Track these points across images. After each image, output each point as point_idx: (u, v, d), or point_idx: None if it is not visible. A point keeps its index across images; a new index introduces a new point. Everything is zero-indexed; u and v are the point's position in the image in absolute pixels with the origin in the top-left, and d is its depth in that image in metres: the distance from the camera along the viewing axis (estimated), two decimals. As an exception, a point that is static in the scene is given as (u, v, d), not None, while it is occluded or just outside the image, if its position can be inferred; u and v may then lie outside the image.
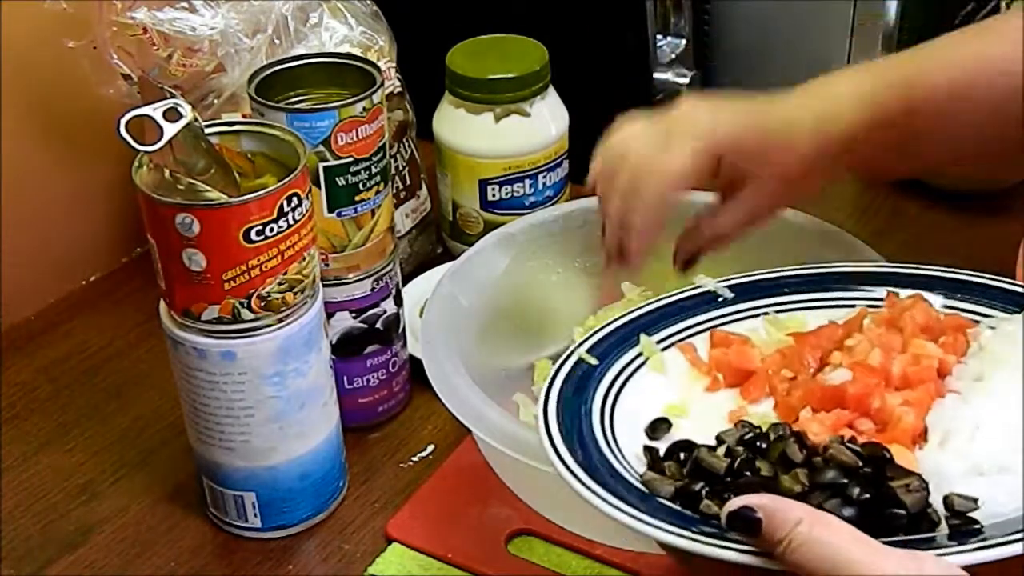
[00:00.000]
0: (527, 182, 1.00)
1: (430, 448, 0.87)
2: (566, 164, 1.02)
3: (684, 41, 1.14)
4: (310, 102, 0.80)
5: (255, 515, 0.80)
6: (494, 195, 1.00)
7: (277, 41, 0.91)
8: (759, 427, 0.60)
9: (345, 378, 0.85)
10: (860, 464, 0.56)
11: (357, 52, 0.92)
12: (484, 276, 0.85)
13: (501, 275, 0.86)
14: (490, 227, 0.96)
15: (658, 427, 0.64)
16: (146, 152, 0.69)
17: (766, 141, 0.72)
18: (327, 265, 0.81)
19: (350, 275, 0.82)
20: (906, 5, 1.10)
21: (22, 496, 0.85)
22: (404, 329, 0.88)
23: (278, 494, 0.79)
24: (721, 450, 0.59)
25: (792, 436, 0.58)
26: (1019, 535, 0.52)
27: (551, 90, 1.01)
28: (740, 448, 0.59)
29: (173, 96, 0.70)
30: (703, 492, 0.56)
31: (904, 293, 0.69)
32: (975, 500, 0.55)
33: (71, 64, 0.88)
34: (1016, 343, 0.63)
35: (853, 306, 0.69)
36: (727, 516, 0.53)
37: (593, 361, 0.67)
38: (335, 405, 0.81)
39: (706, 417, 0.64)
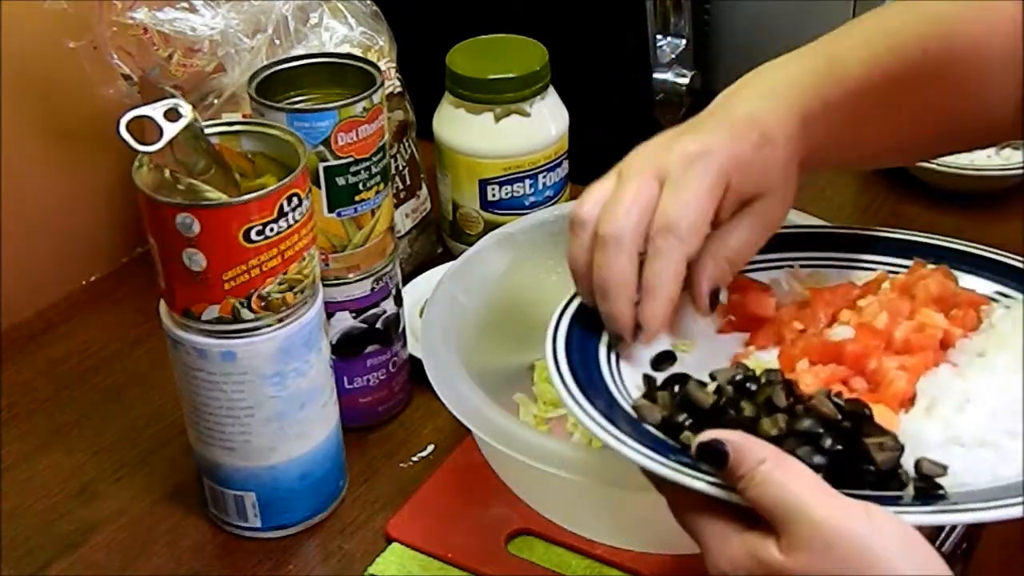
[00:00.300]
0: (527, 182, 1.00)
1: (430, 448, 0.87)
2: (566, 164, 1.02)
3: (684, 41, 1.14)
4: (310, 102, 0.80)
5: (255, 515, 0.80)
6: (494, 195, 1.00)
7: (277, 41, 0.91)
8: (753, 371, 0.62)
9: (345, 378, 0.85)
10: (839, 417, 0.57)
11: (357, 52, 0.92)
12: (484, 276, 0.85)
13: (501, 275, 0.86)
14: (490, 227, 0.96)
15: (663, 359, 0.66)
16: (146, 152, 0.69)
17: (751, 145, 0.66)
18: (327, 265, 0.81)
19: (350, 275, 0.82)
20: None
21: (22, 496, 0.85)
22: (404, 329, 0.88)
23: (278, 494, 0.79)
24: (711, 387, 0.61)
25: (781, 383, 0.60)
26: (980, 505, 0.54)
27: (551, 90, 1.01)
28: (729, 387, 0.60)
29: (173, 96, 0.70)
30: (686, 423, 0.59)
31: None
32: (944, 467, 0.57)
33: (71, 64, 0.88)
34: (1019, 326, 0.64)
35: (877, 270, 0.71)
36: (697, 446, 0.55)
37: None
38: (335, 405, 0.81)
39: (711, 355, 0.66)
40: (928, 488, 0.56)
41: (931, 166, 1.08)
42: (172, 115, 0.68)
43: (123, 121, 0.66)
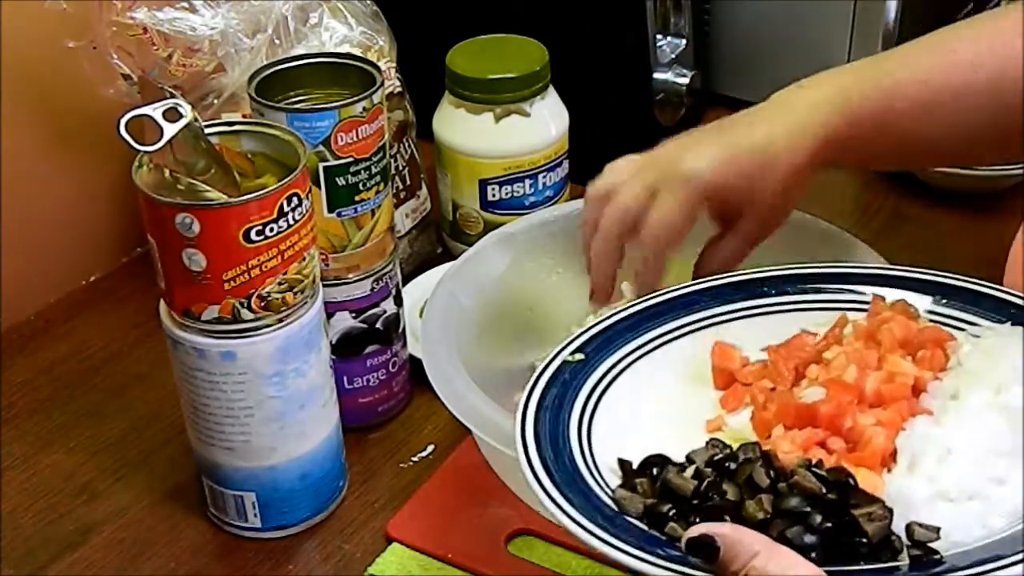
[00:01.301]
0: (527, 182, 1.00)
1: (430, 448, 0.87)
2: (566, 164, 1.02)
3: (684, 41, 1.14)
4: (310, 102, 0.80)
5: (255, 515, 0.80)
6: (494, 195, 1.00)
7: (277, 41, 0.91)
8: (729, 447, 0.61)
9: (345, 378, 0.85)
10: (824, 491, 0.56)
11: (357, 52, 0.92)
12: (484, 276, 0.85)
13: (501, 275, 0.86)
14: (490, 227, 0.96)
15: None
16: (146, 152, 0.69)
17: (746, 174, 0.73)
18: (327, 265, 0.81)
19: (350, 275, 0.82)
20: (906, 5, 1.10)
21: (22, 496, 0.85)
22: (404, 329, 0.88)
23: (278, 494, 0.79)
24: (690, 471, 0.60)
25: (760, 459, 0.59)
26: (978, 568, 0.53)
27: (551, 90, 1.01)
28: (708, 469, 0.59)
29: (173, 96, 0.70)
30: (670, 513, 0.57)
31: (891, 295, 0.69)
32: (937, 530, 0.56)
33: (71, 64, 0.88)
34: (994, 359, 0.63)
35: (841, 309, 0.70)
36: (687, 542, 0.54)
37: (580, 357, 0.68)
38: (335, 405, 0.81)
39: (684, 426, 0.65)
40: (923, 554, 0.55)
41: (931, 166, 1.08)
42: (172, 115, 0.68)
43: (123, 121, 0.66)
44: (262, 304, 0.72)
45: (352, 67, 0.80)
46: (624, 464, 0.62)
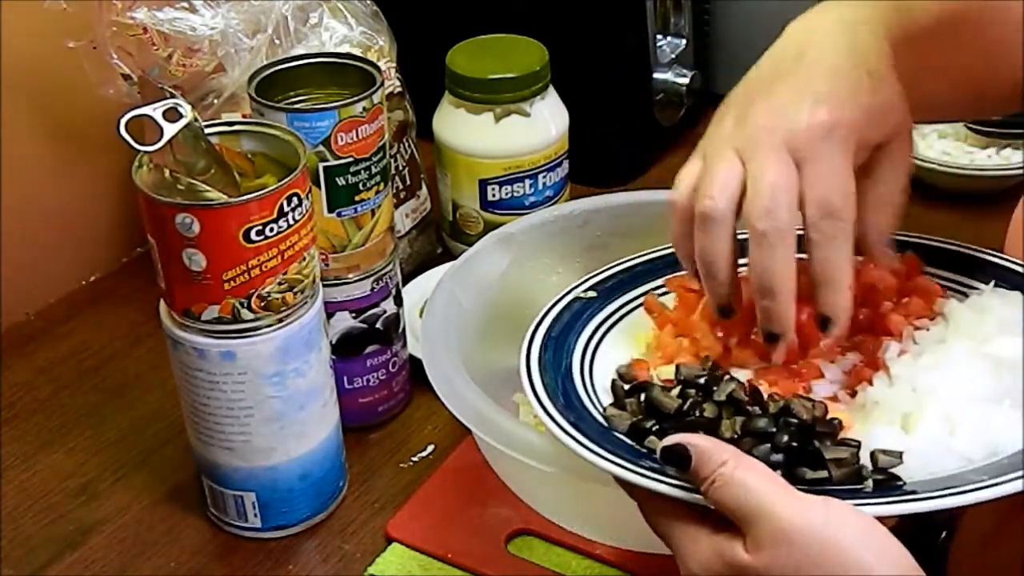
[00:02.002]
0: (527, 182, 1.00)
1: (430, 448, 0.87)
2: (566, 164, 1.02)
3: (684, 41, 1.14)
4: (310, 102, 0.80)
5: (255, 515, 0.80)
6: (494, 195, 1.00)
7: (277, 41, 0.91)
8: (719, 371, 0.64)
9: (345, 378, 0.85)
10: (812, 422, 0.59)
11: (357, 52, 0.92)
12: (484, 276, 0.85)
13: (501, 275, 0.86)
14: (490, 227, 0.96)
15: (631, 367, 0.67)
16: (146, 152, 0.69)
17: (868, 90, 0.62)
18: (327, 265, 0.81)
19: (350, 275, 0.82)
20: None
21: (22, 496, 0.85)
22: (404, 329, 0.88)
23: (278, 494, 0.79)
24: (675, 390, 0.63)
25: (742, 385, 0.62)
26: (939, 492, 0.55)
27: (551, 90, 1.01)
28: (692, 390, 0.63)
29: (173, 96, 0.70)
30: (652, 428, 0.61)
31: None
32: (900, 454, 0.58)
33: (71, 64, 0.88)
34: (981, 314, 0.65)
35: None
36: (661, 450, 0.57)
37: (592, 295, 0.71)
38: (335, 405, 0.81)
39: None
40: (887, 480, 0.58)
41: (931, 166, 1.08)
42: (172, 115, 0.68)
43: (123, 121, 0.66)
44: (262, 304, 0.72)
45: (352, 67, 0.80)
46: (616, 386, 0.65)
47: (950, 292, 0.69)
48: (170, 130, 0.68)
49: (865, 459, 0.58)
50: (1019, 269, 0.69)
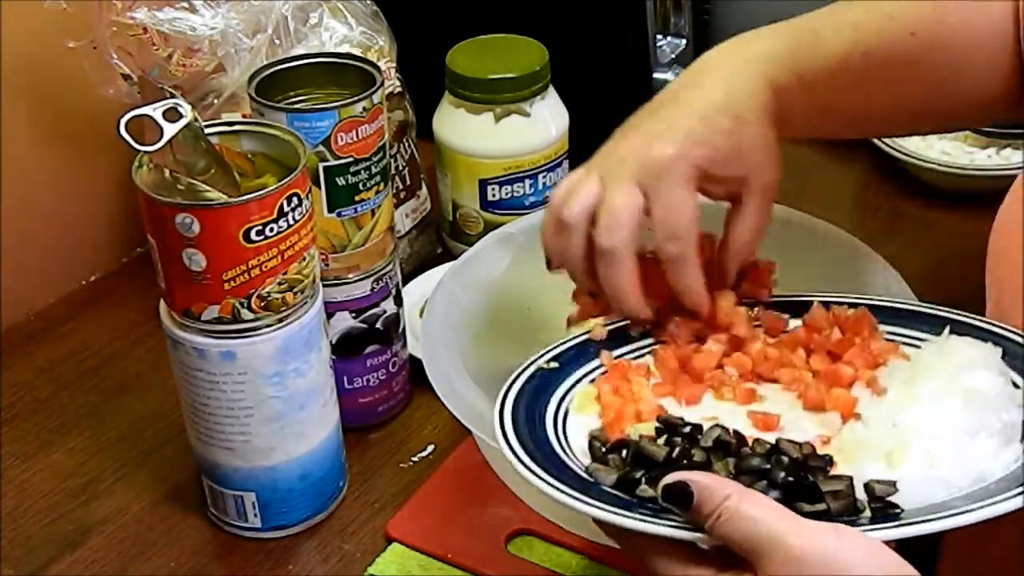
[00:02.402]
0: (527, 182, 1.00)
1: (430, 448, 0.87)
2: (566, 164, 1.02)
3: (684, 41, 1.14)
4: (310, 102, 0.80)
5: (255, 515, 0.80)
6: (494, 195, 1.00)
7: (277, 41, 0.91)
8: (698, 424, 0.64)
9: (345, 378, 0.85)
10: (803, 459, 0.60)
11: (357, 52, 0.92)
12: (484, 276, 0.85)
13: (501, 275, 0.86)
14: (490, 227, 0.96)
15: (603, 430, 0.66)
16: (146, 152, 0.69)
17: (727, 132, 0.69)
18: (327, 265, 0.81)
19: (350, 275, 0.82)
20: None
21: (22, 496, 0.85)
22: (404, 329, 0.88)
23: (278, 494, 0.79)
24: (661, 440, 0.63)
25: (726, 430, 0.62)
26: (938, 515, 0.56)
27: (551, 90, 1.01)
28: (678, 439, 0.62)
29: (173, 96, 0.70)
30: (642, 479, 0.60)
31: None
32: (894, 483, 0.58)
33: (71, 64, 0.88)
34: (944, 357, 0.66)
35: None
36: (663, 489, 0.56)
37: (555, 365, 0.70)
38: (335, 405, 0.81)
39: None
40: (884, 508, 0.58)
41: (931, 166, 1.08)
42: (172, 115, 0.68)
43: (123, 121, 0.67)
44: (262, 304, 0.72)
45: (352, 67, 0.80)
46: (594, 444, 0.64)
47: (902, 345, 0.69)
48: (170, 130, 0.68)
49: (859, 492, 0.58)
50: (964, 319, 0.69)
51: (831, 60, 0.72)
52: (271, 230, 0.70)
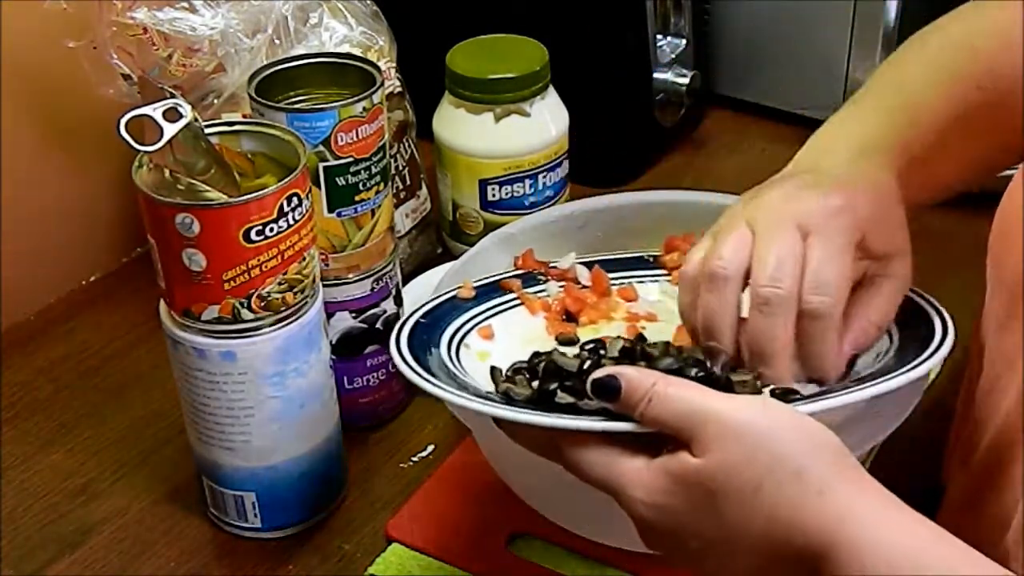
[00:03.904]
0: (527, 182, 1.00)
1: (430, 448, 0.87)
2: (566, 164, 1.02)
3: (684, 41, 1.14)
4: (310, 102, 0.80)
5: (255, 515, 0.80)
6: (494, 195, 1.00)
7: (277, 41, 0.91)
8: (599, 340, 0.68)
9: (345, 378, 0.85)
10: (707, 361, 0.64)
11: (357, 52, 0.92)
12: (484, 276, 0.85)
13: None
14: (490, 227, 0.96)
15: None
16: (146, 152, 0.69)
17: (872, 200, 0.65)
18: (327, 265, 0.81)
19: (350, 275, 0.82)
20: (906, 5, 1.10)
21: (22, 496, 0.85)
22: (404, 329, 0.88)
23: (278, 494, 0.79)
24: (572, 351, 0.66)
25: (629, 340, 0.67)
26: (855, 388, 0.61)
27: (551, 90, 1.01)
28: (585, 352, 0.65)
29: (173, 96, 0.70)
30: (557, 389, 0.61)
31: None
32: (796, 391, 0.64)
33: (71, 64, 0.88)
34: None
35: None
36: (591, 384, 0.58)
37: (471, 294, 0.78)
38: (335, 405, 0.81)
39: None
40: (784, 394, 0.62)
41: (931, 166, 1.08)
42: (172, 115, 0.68)
43: (123, 121, 0.66)
44: (262, 304, 0.72)
45: (352, 67, 0.80)
46: (494, 371, 0.68)
47: None
48: (170, 130, 0.68)
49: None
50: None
51: (928, 130, 0.71)
52: (271, 230, 0.70)
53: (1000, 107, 0.72)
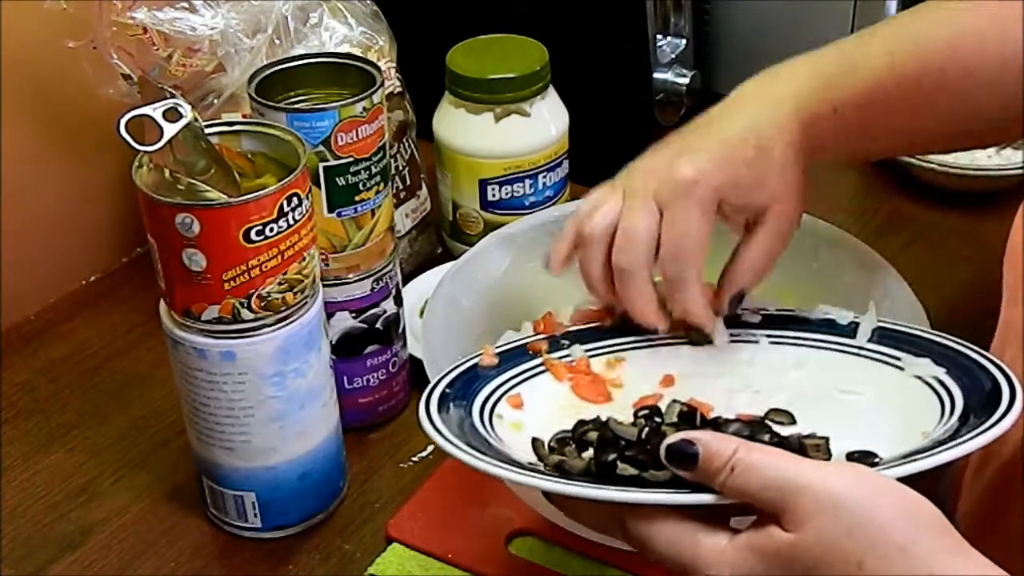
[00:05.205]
0: (527, 182, 1.00)
1: (430, 448, 0.87)
2: (566, 164, 1.02)
3: (684, 41, 1.14)
4: (310, 102, 0.80)
5: (255, 515, 0.80)
6: (494, 195, 1.00)
7: (277, 41, 0.91)
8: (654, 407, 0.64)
9: (345, 378, 0.85)
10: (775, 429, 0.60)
11: (357, 52, 0.92)
12: (484, 276, 0.85)
13: (501, 275, 0.86)
14: (490, 227, 0.96)
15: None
16: (146, 152, 0.69)
17: (749, 162, 0.69)
18: (327, 265, 0.81)
19: (350, 275, 0.82)
20: (906, 5, 1.10)
21: (22, 496, 0.85)
22: (404, 329, 0.88)
23: (278, 494, 0.79)
24: (627, 420, 0.61)
25: (685, 406, 0.62)
26: (943, 448, 0.57)
27: (551, 90, 1.01)
28: (642, 419, 0.61)
29: (173, 96, 0.70)
30: (617, 460, 0.57)
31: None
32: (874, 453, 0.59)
33: (71, 64, 0.88)
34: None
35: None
36: (666, 450, 0.55)
37: (494, 361, 0.72)
38: (335, 405, 0.81)
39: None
40: (862, 457, 0.58)
41: (931, 166, 1.08)
42: (172, 115, 0.68)
43: (123, 121, 0.66)
44: (262, 304, 0.72)
45: (352, 67, 0.80)
46: (537, 441, 0.63)
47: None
48: (170, 130, 0.68)
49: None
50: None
51: (865, 88, 0.71)
52: (271, 230, 0.70)
53: (958, 78, 0.71)
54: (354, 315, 0.84)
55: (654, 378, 0.71)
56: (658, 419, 0.61)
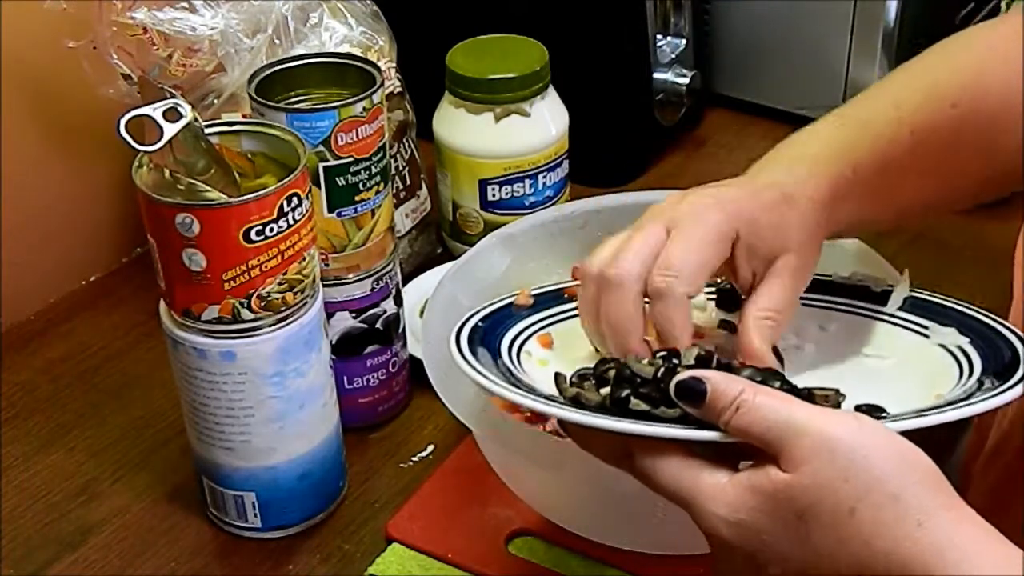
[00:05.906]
0: (527, 182, 1.00)
1: (430, 448, 0.87)
2: (566, 164, 1.02)
3: (684, 41, 1.14)
4: (310, 102, 0.80)
5: (255, 515, 0.80)
6: (494, 195, 1.00)
7: (277, 41, 0.91)
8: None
9: (345, 378, 0.85)
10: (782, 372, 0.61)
11: (357, 52, 0.92)
12: (484, 276, 0.85)
13: (501, 275, 0.86)
14: (490, 227, 0.96)
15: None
16: (146, 152, 0.69)
17: (770, 207, 0.67)
18: (327, 265, 0.81)
19: (350, 275, 0.82)
20: (906, 5, 1.10)
21: (22, 496, 0.85)
22: (404, 329, 0.88)
23: (278, 494, 0.79)
24: (645, 360, 0.62)
25: (701, 348, 0.62)
26: (949, 408, 0.58)
27: (551, 90, 1.01)
28: (659, 359, 0.62)
29: (173, 96, 0.70)
30: (630, 395, 0.59)
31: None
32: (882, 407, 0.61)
33: (71, 64, 0.88)
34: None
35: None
36: (675, 387, 0.56)
37: (529, 302, 0.73)
38: (335, 405, 0.81)
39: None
40: (870, 411, 0.60)
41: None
42: (172, 115, 0.68)
43: (123, 121, 0.66)
44: (262, 304, 0.72)
45: (352, 67, 0.80)
46: (559, 376, 0.64)
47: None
48: (170, 130, 0.68)
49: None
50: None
51: (882, 145, 0.70)
52: (271, 230, 0.70)
53: (969, 131, 0.71)
54: (354, 315, 0.84)
55: None
56: (676, 360, 0.62)
